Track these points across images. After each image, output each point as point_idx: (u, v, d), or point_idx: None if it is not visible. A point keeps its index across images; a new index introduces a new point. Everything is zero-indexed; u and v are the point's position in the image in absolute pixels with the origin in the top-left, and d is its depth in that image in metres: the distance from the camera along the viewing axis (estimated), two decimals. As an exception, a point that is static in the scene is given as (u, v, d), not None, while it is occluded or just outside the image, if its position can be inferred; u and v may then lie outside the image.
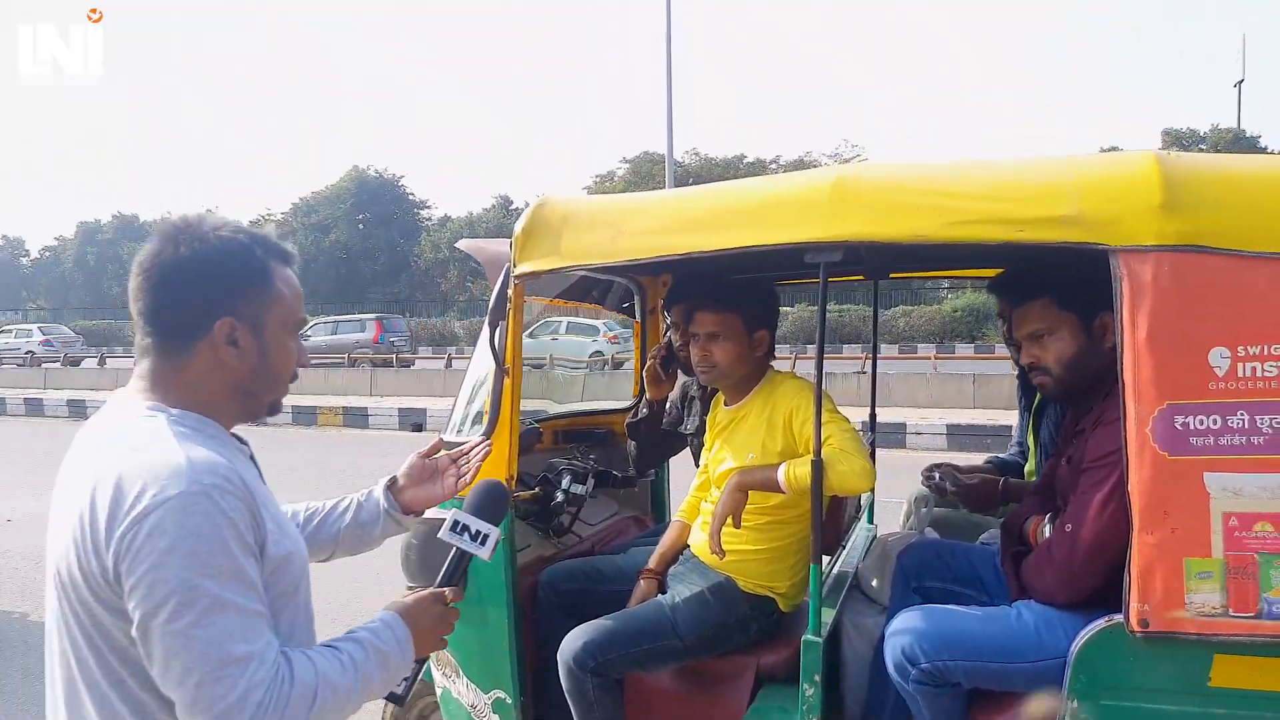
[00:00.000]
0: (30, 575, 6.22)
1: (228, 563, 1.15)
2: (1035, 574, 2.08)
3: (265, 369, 1.34)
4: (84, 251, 57.13)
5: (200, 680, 1.13)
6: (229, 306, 1.28)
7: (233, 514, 1.17)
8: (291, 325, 1.37)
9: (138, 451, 1.19)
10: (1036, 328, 2.17)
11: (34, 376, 23.03)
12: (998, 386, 13.67)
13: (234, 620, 1.15)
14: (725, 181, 2.39)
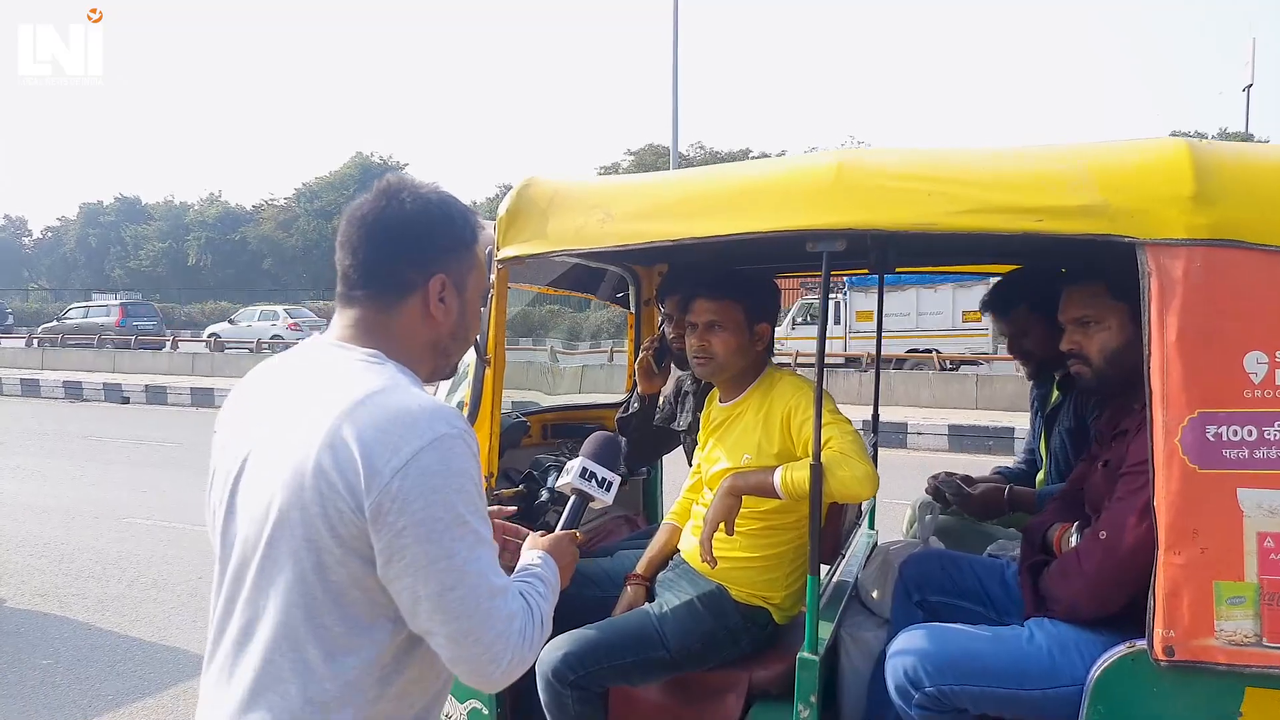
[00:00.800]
0: (12, 560, 6.11)
1: (480, 502, 1.22)
2: (1060, 583, 1.93)
3: (461, 330, 1.38)
4: (86, 233, 56.94)
5: (473, 613, 1.17)
6: (444, 264, 1.32)
7: (477, 455, 1.23)
8: (484, 292, 1.45)
9: (379, 396, 1.19)
10: (1084, 313, 2.01)
11: (30, 357, 22.93)
12: (1001, 387, 13.53)
13: (490, 554, 1.22)
14: (722, 164, 2.23)
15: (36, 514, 7.39)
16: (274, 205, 50.00)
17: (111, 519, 7.26)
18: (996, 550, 2.55)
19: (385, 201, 1.30)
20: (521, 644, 1.22)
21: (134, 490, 8.45)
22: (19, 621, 4.96)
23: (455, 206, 1.35)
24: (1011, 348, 2.80)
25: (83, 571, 5.88)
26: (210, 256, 49.62)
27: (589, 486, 1.65)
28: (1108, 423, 2.07)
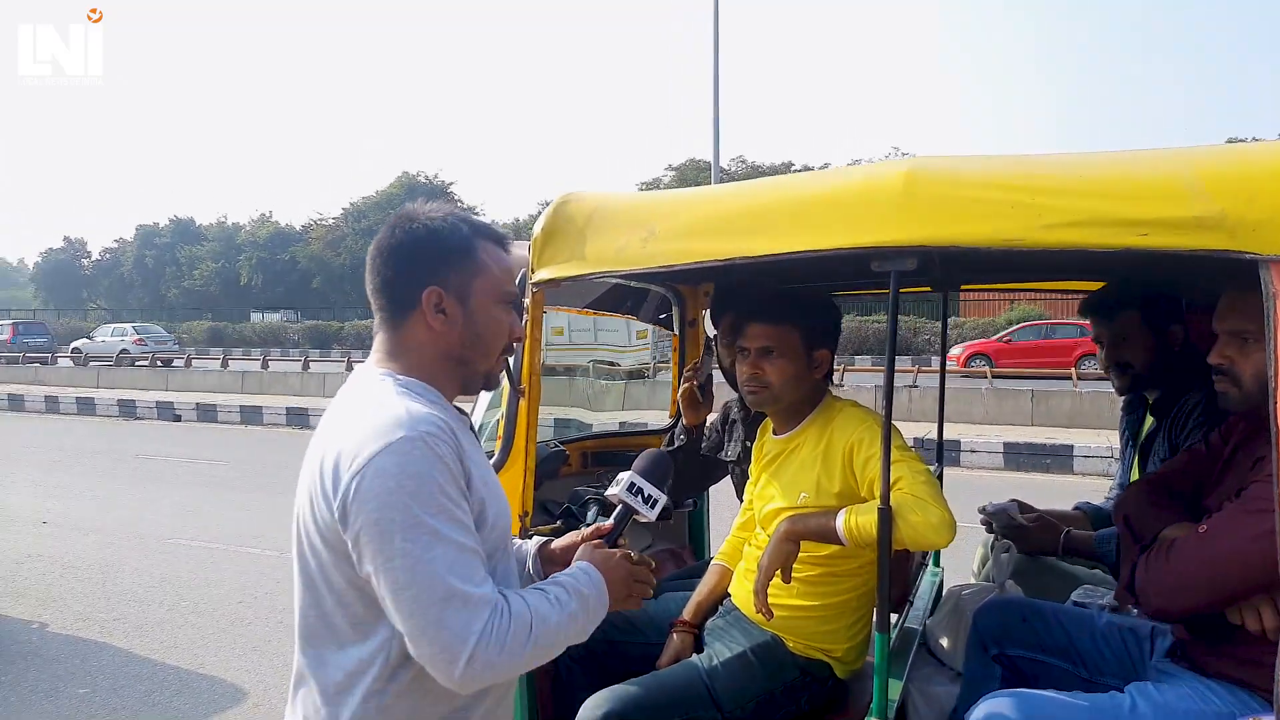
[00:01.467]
0: (56, 583, 6.09)
1: (444, 502, 1.24)
2: (1142, 568, 1.72)
3: (473, 337, 1.41)
4: (142, 254, 58.41)
5: (425, 611, 1.20)
6: (435, 278, 1.38)
7: (446, 459, 1.25)
8: (498, 297, 1.44)
9: (366, 408, 1.30)
10: (1245, 326, 1.72)
11: (86, 376, 23.43)
12: (1057, 404, 13.06)
13: (453, 555, 1.23)
14: (776, 176, 2.04)
15: (83, 535, 7.41)
16: (322, 225, 50.78)
17: (155, 540, 7.24)
18: (1082, 597, 2.31)
19: (382, 234, 1.43)
20: (486, 645, 1.21)
21: (180, 510, 8.46)
22: (59, 648, 4.91)
23: (445, 224, 1.41)
24: (1109, 356, 2.51)
25: (125, 595, 5.84)
26: (261, 276, 50.58)
27: (634, 501, 1.64)
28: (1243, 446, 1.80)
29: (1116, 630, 1.97)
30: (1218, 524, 1.63)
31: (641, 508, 1.64)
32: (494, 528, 1.38)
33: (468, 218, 1.46)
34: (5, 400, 19.92)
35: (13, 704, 4.17)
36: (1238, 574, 1.56)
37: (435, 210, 1.44)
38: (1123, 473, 2.72)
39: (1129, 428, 2.69)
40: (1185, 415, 2.31)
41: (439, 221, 1.41)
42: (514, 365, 2.14)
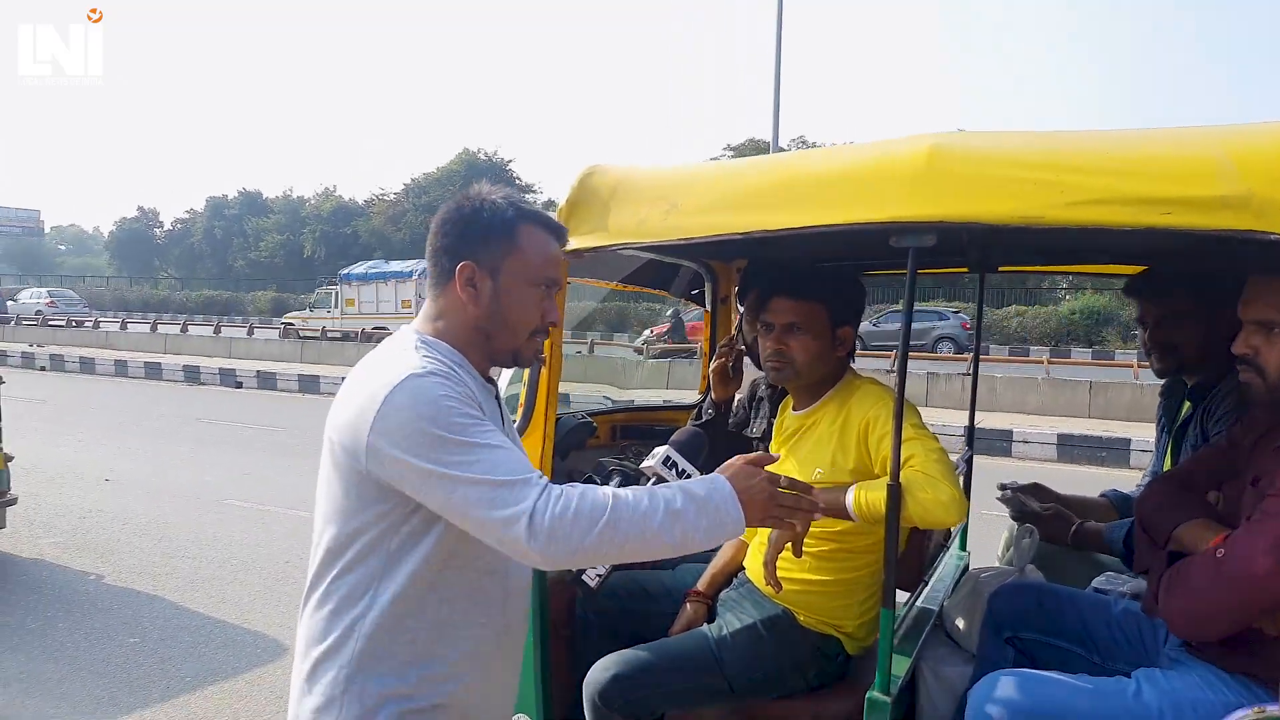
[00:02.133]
0: (115, 537, 6.36)
1: (462, 420, 1.31)
2: (1165, 590, 1.67)
3: (497, 313, 1.47)
4: (212, 225, 59.91)
5: (478, 506, 1.28)
6: (470, 253, 1.46)
7: (456, 389, 1.35)
8: (531, 280, 1.48)
9: (384, 361, 1.41)
10: (1271, 316, 1.67)
11: (154, 341, 24.23)
12: (1116, 395, 12.71)
13: (487, 456, 1.30)
14: (800, 150, 2.03)
15: (143, 493, 7.71)
16: (384, 200, 51.47)
17: (211, 500, 7.51)
18: (1104, 584, 2.27)
19: (446, 205, 1.53)
20: (545, 509, 1.26)
21: (236, 472, 8.74)
22: (113, 598, 5.14)
23: (490, 204, 1.47)
24: (1153, 336, 2.42)
25: (178, 551, 6.07)
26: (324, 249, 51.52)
27: (668, 474, 1.68)
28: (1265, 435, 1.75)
29: (1132, 617, 1.94)
30: (1233, 547, 1.57)
31: (674, 480, 1.66)
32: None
33: (519, 203, 1.51)
34: (77, 363, 20.73)
35: (68, 650, 4.38)
36: (1257, 598, 1.52)
37: (492, 192, 1.50)
38: (1156, 460, 2.65)
39: (1165, 414, 2.62)
40: (1217, 402, 2.25)
41: (488, 202, 1.48)
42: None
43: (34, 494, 6.97)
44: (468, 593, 1.43)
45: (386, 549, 1.38)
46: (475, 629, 1.45)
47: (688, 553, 1.36)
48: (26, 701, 3.82)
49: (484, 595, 1.45)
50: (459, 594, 1.42)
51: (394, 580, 1.38)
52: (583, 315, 22.45)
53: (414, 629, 1.39)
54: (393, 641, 1.38)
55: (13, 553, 5.96)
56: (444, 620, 1.41)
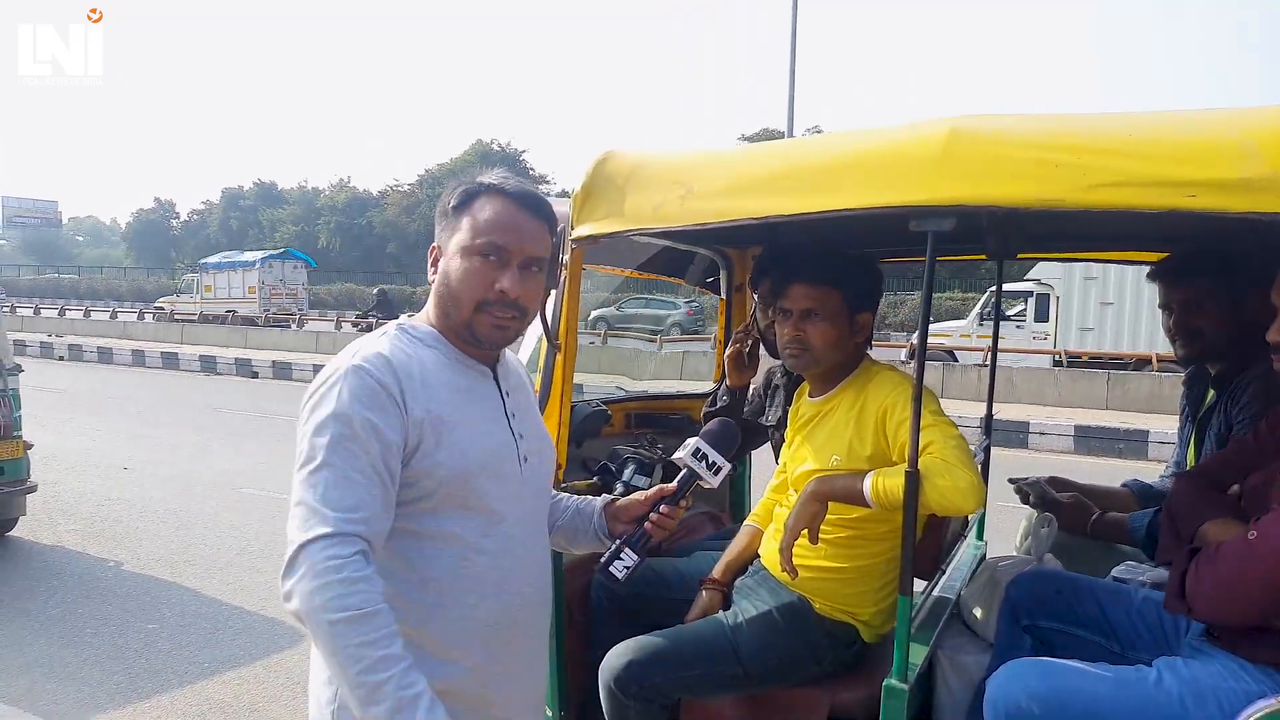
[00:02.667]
0: (134, 525, 6.42)
1: (343, 429, 1.30)
2: (1193, 575, 1.65)
3: (446, 289, 1.46)
4: (227, 216, 60.24)
5: (294, 517, 1.28)
6: (436, 237, 1.49)
7: (374, 387, 1.33)
8: (470, 249, 1.43)
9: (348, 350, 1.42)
10: None
11: (171, 331, 24.40)
12: (1135, 387, 12.62)
13: (329, 477, 1.28)
14: (817, 135, 2.01)
15: (161, 481, 7.77)
16: (398, 191, 51.60)
17: (228, 489, 7.56)
18: (1124, 573, 2.25)
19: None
20: (309, 561, 1.23)
21: (253, 461, 8.79)
22: (132, 585, 5.19)
23: (460, 185, 1.48)
24: (1178, 324, 2.39)
25: (195, 539, 6.12)
26: (339, 239, 51.73)
27: (698, 466, 1.68)
28: None
29: (1153, 606, 1.92)
30: (1266, 527, 1.56)
31: (705, 473, 1.67)
32: (448, 470, 1.37)
33: (486, 179, 1.47)
34: (95, 353, 20.90)
35: (88, 635, 4.42)
36: None
37: (474, 174, 1.49)
38: (1179, 449, 2.62)
39: (1189, 403, 2.59)
40: (1242, 389, 2.22)
41: (455, 185, 1.49)
42: (551, 320, 2.17)
43: (54, 482, 7.05)
44: (451, 574, 1.39)
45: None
46: (464, 610, 1.41)
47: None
48: (47, 686, 3.86)
49: (472, 576, 1.41)
50: (441, 575, 1.39)
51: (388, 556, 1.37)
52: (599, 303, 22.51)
53: (400, 610, 1.33)
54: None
55: (33, 539, 6.02)
56: (429, 602, 1.38)
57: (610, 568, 1.61)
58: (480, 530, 1.40)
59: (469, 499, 1.40)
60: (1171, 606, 1.69)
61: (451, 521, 1.38)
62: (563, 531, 1.72)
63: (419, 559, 1.38)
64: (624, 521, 1.68)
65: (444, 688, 1.36)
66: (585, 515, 1.71)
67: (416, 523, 1.37)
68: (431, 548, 1.38)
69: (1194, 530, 1.76)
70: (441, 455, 1.37)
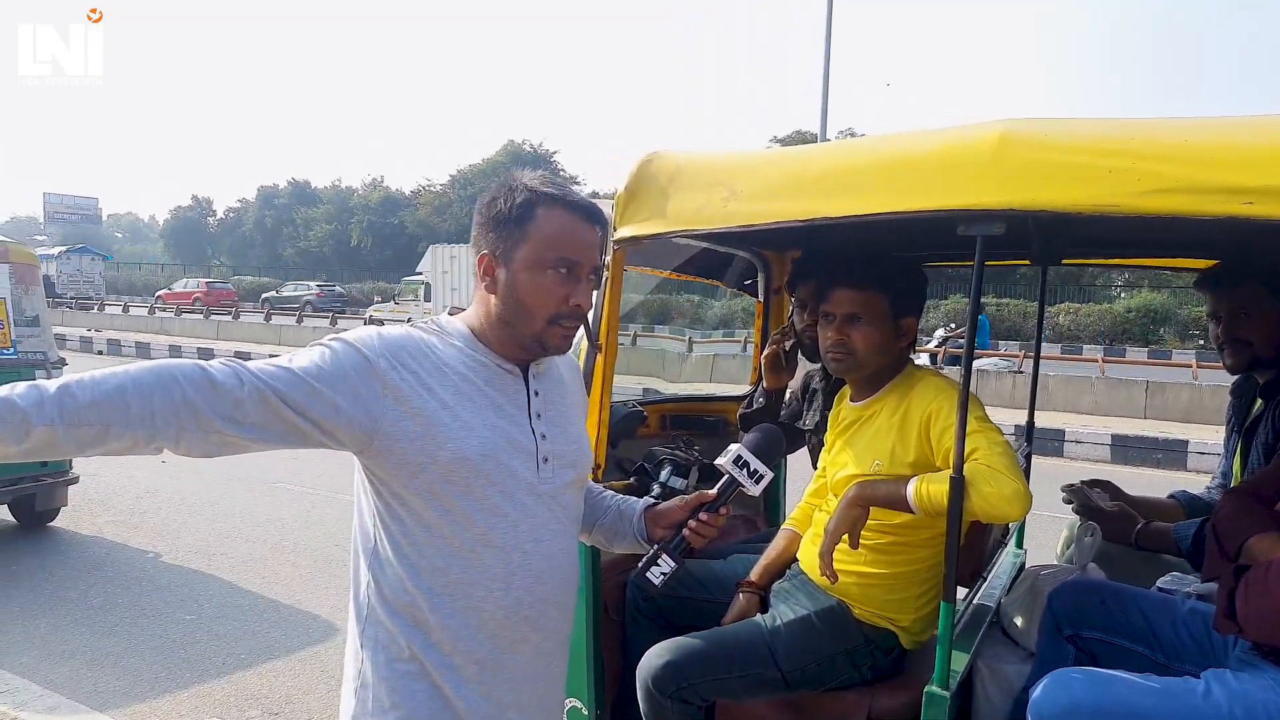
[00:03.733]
0: (172, 516, 6.52)
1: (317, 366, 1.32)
2: (1241, 596, 1.63)
3: (513, 301, 1.43)
4: (262, 214, 61.02)
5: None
6: (486, 242, 1.45)
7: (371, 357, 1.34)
8: (543, 263, 1.42)
9: None
10: None
11: (207, 327, 24.77)
12: (1174, 396, 12.41)
13: (276, 371, 1.31)
14: (863, 137, 2.00)
15: (198, 474, 7.88)
16: (431, 191, 51.96)
17: (263, 483, 7.66)
18: (1169, 584, 2.22)
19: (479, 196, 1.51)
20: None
21: (287, 457, 8.87)
22: (170, 576, 5.27)
23: (504, 191, 1.45)
24: (1226, 331, 2.35)
25: (232, 532, 6.21)
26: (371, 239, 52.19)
27: (739, 474, 1.67)
28: None
29: (1199, 617, 1.89)
30: None
31: (746, 481, 1.66)
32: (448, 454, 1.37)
33: (545, 185, 1.45)
34: (134, 347, 21.26)
35: (126, 625, 4.50)
36: None
37: (516, 177, 1.46)
38: (1225, 460, 2.57)
39: (1235, 413, 2.54)
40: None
41: (504, 190, 1.45)
42: (593, 321, 2.18)
43: (93, 473, 7.18)
44: (460, 564, 1.39)
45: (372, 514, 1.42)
46: (471, 602, 1.40)
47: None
48: (88, 673, 3.94)
49: (479, 568, 1.40)
50: (449, 564, 1.39)
51: (383, 546, 1.40)
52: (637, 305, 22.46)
53: (412, 596, 1.37)
54: (393, 611, 1.40)
55: (74, 530, 6.15)
56: (437, 590, 1.38)
57: (648, 574, 1.59)
58: (486, 522, 1.40)
59: (471, 488, 1.39)
60: (1223, 627, 1.66)
61: (456, 512, 1.38)
62: (603, 530, 1.72)
63: (429, 547, 1.38)
64: (663, 527, 1.66)
65: (463, 678, 1.40)
66: (626, 517, 1.71)
67: (423, 510, 1.38)
68: (440, 536, 1.39)
69: (1239, 546, 1.74)
70: (440, 436, 1.36)
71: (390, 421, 1.34)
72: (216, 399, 1.25)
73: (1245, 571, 1.63)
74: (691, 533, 1.62)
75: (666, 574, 1.60)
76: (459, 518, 1.38)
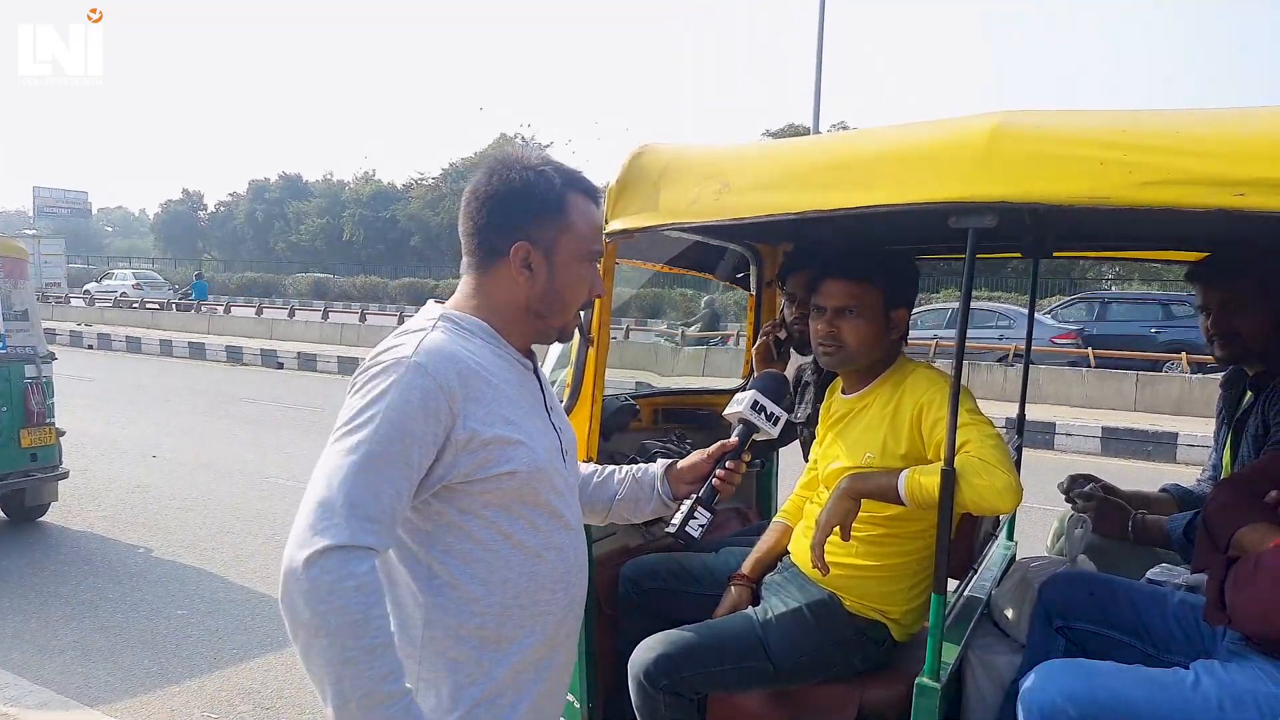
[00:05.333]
0: (162, 512, 6.50)
1: (391, 429, 1.23)
2: (1231, 589, 1.64)
3: (553, 293, 1.42)
4: (253, 208, 60.67)
5: (309, 495, 1.22)
6: (524, 232, 1.39)
7: (426, 389, 1.25)
8: (583, 255, 1.44)
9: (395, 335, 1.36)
10: None
11: (198, 321, 24.66)
12: (1165, 389, 12.45)
13: (364, 475, 1.20)
14: (855, 130, 1.99)
15: (189, 470, 7.87)
16: (423, 184, 51.73)
17: (254, 477, 7.64)
18: (1159, 575, 2.23)
19: (480, 178, 1.43)
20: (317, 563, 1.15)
21: (278, 451, 8.88)
22: (163, 571, 5.25)
23: (539, 177, 1.40)
24: (1215, 323, 2.35)
25: (224, 527, 6.19)
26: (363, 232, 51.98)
27: (757, 419, 1.69)
28: None
29: (1189, 609, 1.90)
30: None
31: (764, 424, 1.69)
32: (525, 469, 1.34)
33: (563, 169, 1.44)
34: (124, 342, 21.17)
35: (118, 621, 4.49)
36: None
37: (532, 159, 1.43)
38: (1215, 452, 2.58)
39: (1226, 405, 2.55)
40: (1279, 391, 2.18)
41: (534, 173, 1.41)
42: (585, 315, 2.17)
43: (83, 469, 7.15)
44: (527, 574, 1.38)
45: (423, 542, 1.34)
46: (538, 608, 1.40)
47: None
48: (79, 669, 3.92)
49: (544, 574, 1.40)
50: (517, 575, 1.37)
51: (445, 571, 1.33)
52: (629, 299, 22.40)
53: (475, 612, 1.34)
54: (459, 638, 1.34)
55: (64, 525, 6.13)
56: (505, 603, 1.36)
57: (686, 528, 1.61)
58: (549, 526, 1.39)
59: (539, 496, 1.38)
60: (1213, 619, 1.67)
61: (524, 520, 1.36)
62: (624, 503, 1.72)
63: (496, 560, 1.35)
64: (688, 482, 1.69)
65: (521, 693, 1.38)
66: (645, 483, 1.71)
67: (493, 525, 1.35)
68: (506, 548, 1.36)
69: (1229, 537, 1.74)
70: (517, 456, 1.34)
71: (466, 436, 1.29)
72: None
73: (1235, 563, 1.64)
74: (720, 482, 1.65)
75: (704, 525, 1.63)
76: (528, 525, 1.37)
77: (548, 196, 1.40)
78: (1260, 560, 1.57)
